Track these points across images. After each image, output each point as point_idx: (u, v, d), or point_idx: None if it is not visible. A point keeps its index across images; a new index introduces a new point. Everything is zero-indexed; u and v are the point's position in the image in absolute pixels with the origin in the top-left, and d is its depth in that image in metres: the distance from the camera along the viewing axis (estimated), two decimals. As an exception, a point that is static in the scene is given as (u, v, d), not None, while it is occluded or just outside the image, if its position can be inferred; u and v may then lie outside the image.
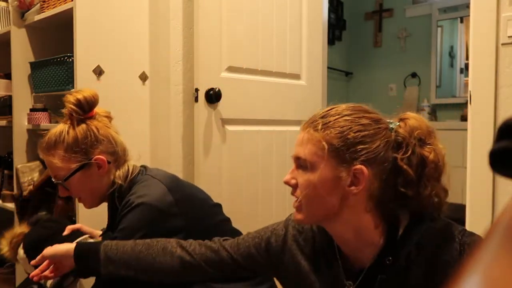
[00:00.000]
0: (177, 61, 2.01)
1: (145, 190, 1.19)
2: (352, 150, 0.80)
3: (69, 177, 1.19)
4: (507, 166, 0.31)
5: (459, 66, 4.10)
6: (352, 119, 0.82)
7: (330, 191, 0.82)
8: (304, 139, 0.84)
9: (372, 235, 0.84)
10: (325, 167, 0.81)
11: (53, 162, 1.19)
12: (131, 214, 1.14)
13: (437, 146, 0.84)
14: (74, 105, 1.20)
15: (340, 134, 0.81)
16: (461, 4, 3.93)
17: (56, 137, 1.19)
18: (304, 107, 2.40)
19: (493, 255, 0.22)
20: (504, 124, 0.32)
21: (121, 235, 1.14)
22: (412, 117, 0.85)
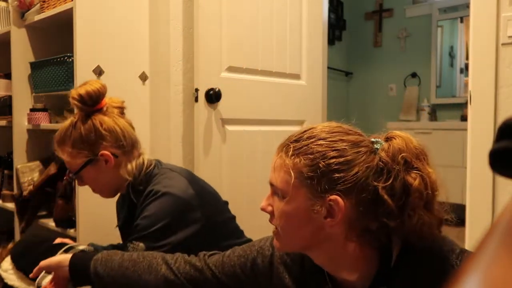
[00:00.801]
0: (177, 61, 2.01)
1: (168, 181, 1.22)
2: (325, 180, 0.72)
3: (78, 171, 1.22)
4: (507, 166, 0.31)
5: (459, 66, 4.10)
6: (327, 143, 0.74)
7: (304, 223, 0.75)
8: (276, 164, 0.78)
9: (358, 263, 0.78)
10: (297, 198, 0.75)
11: (63, 157, 1.24)
12: (156, 202, 1.17)
13: (425, 170, 0.74)
14: (76, 100, 1.20)
15: (310, 162, 0.73)
16: (461, 4, 3.94)
17: (64, 133, 1.22)
18: (304, 107, 2.40)
19: (493, 255, 0.22)
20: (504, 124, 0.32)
21: (145, 222, 1.16)
22: (399, 136, 0.77)
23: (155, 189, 1.18)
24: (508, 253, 0.21)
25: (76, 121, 1.22)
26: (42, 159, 2.20)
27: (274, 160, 0.80)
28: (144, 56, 2.03)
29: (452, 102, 4.01)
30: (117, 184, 1.27)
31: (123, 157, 1.25)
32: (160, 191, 1.17)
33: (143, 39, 2.03)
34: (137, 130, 2.03)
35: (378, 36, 4.40)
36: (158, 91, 2.04)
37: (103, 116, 1.23)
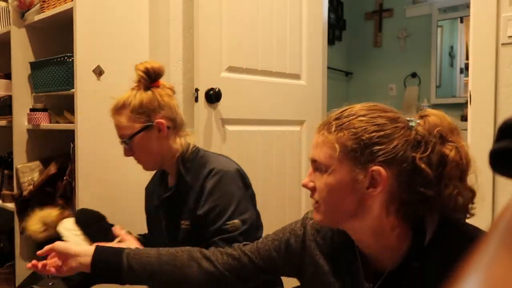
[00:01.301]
0: (177, 61, 2.01)
1: (223, 160, 1.34)
2: (368, 152, 0.77)
3: (133, 136, 1.28)
4: (507, 166, 0.31)
5: (459, 66, 4.10)
6: (367, 119, 0.79)
7: (347, 194, 0.80)
8: (318, 141, 0.82)
9: (393, 239, 0.81)
10: (341, 170, 0.79)
11: (121, 121, 1.30)
12: (223, 179, 1.26)
13: (459, 143, 0.80)
14: (142, 72, 1.32)
15: (354, 136, 0.78)
16: (461, 4, 3.93)
17: (125, 100, 1.30)
18: (304, 107, 2.40)
19: (493, 255, 0.22)
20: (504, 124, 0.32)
21: (223, 201, 1.23)
22: (433, 113, 0.81)
23: (216, 167, 1.27)
24: (508, 253, 0.21)
25: (137, 91, 1.31)
26: (42, 159, 2.20)
27: (316, 138, 0.83)
28: (144, 56, 2.03)
29: (452, 102, 4.01)
30: (163, 156, 1.33)
31: (173, 131, 1.33)
32: (222, 170, 1.27)
33: (143, 39, 2.03)
34: (137, 130, 2.04)
35: (378, 36, 4.40)
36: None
37: (162, 90, 1.33)
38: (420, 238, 0.80)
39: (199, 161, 1.32)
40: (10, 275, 2.31)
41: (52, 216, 1.33)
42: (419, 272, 0.79)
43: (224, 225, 1.22)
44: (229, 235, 1.21)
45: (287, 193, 2.33)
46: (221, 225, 1.22)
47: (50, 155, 2.20)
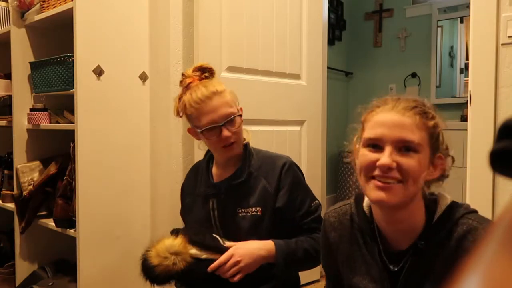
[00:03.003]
0: (177, 61, 2.01)
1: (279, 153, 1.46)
2: (438, 142, 0.91)
3: (238, 115, 1.37)
4: (507, 166, 0.31)
5: (459, 66, 4.10)
6: (436, 113, 0.92)
7: (423, 174, 0.89)
8: (408, 122, 0.88)
9: (418, 218, 0.92)
10: (426, 152, 0.88)
11: (228, 98, 1.37)
12: (297, 171, 1.40)
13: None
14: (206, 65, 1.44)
15: (435, 126, 0.90)
16: (461, 4, 3.93)
17: (218, 84, 1.38)
18: (304, 107, 2.40)
19: (493, 255, 0.22)
20: (504, 124, 0.32)
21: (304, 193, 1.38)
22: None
23: (285, 160, 1.39)
24: (508, 253, 0.21)
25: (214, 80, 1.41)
26: (42, 159, 2.20)
27: (400, 118, 0.89)
28: (144, 56, 2.03)
29: (452, 102, 4.01)
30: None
31: None
32: (289, 161, 1.39)
33: (143, 39, 2.03)
34: (137, 130, 2.04)
35: (378, 36, 4.40)
36: (158, 91, 2.04)
37: None
38: (431, 220, 0.91)
39: (260, 155, 1.42)
40: (10, 275, 2.31)
41: (177, 245, 1.24)
42: (424, 250, 0.89)
43: (309, 208, 1.37)
44: (317, 214, 1.38)
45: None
46: (308, 208, 1.37)
47: (50, 155, 2.20)
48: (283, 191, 1.35)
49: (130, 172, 2.00)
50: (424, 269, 0.90)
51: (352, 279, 1.00)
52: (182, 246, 1.23)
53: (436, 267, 0.88)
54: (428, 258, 0.89)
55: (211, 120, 1.33)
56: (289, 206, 1.35)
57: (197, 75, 1.41)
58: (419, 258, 0.90)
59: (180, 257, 1.22)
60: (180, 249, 1.23)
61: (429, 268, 0.89)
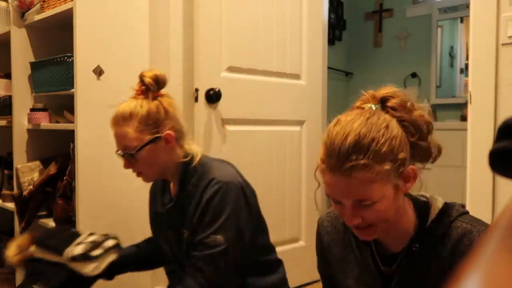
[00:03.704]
0: (177, 61, 2.01)
1: (224, 170, 1.29)
2: (399, 162, 0.82)
3: (141, 148, 1.23)
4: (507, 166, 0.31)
5: (459, 66, 4.10)
6: (378, 136, 0.81)
7: (395, 201, 0.85)
8: (356, 185, 0.81)
9: (407, 223, 0.90)
10: (387, 190, 0.82)
11: (128, 132, 1.23)
12: (220, 192, 1.22)
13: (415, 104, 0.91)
14: (152, 79, 1.26)
15: (384, 160, 0.80)
16: (461, 4, 3.93)
17: (131, 109, 1.24)
18: (304, 107, 2.40)
19: (493, 254, 0.22)
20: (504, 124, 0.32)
21: (215, 215, 1.21)
22: (389, 94, 0.91)
23: (216, 178, 1.23)
24: (508, 253, 0.21)
25: (143, 100, 1.26)
26: (42, 159, 2.19)
27: (350, 183, 0.81)
28: (144, 56, 2.03)
29: (452, 102, 4.00)
30: (166, 167, 1.30)
31: (179, 141, 1.29)
32: (221, 181, 1.22)
33: (143, 39, 2.02)
34: (137, 130, 2.04)
35: (378, 36, 4.40)
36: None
37: (166, 99, 1.28)
38: (424, 222, 0.90)
39: (201, 170, 1.28)
40: (10, 275, 2.31)
41: (24, 240, 1.35)
42: (418, 253, 0.89)
43: (206, 239, 1.19)
44: (210, 251, 1.18)
45: (287, 193, 2.33)
46: (203, 238, 1.20)
47: (50, 155, 2.20)
48: (199, 210, 1.23)
49: (130, 172, 2.00)
50: (418, 273, 0.89)
51: (346, 282, 1.00)
52: (26, 242, 1.32)
53: (431, 271, 0.88)
54: (422, 261, 0.89)
55: (116, 145, 1.28)
56: (197, 226, 1.23)
57: (139, 86, 1.29)
58: (412, 261, 0.90)
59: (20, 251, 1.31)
60: (23, 244, 1.32)
61: (424, 272, 0.89)
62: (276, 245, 2.29)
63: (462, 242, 0.86)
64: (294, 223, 2.38)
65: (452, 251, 0.86)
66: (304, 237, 2.40)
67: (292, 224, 2.36)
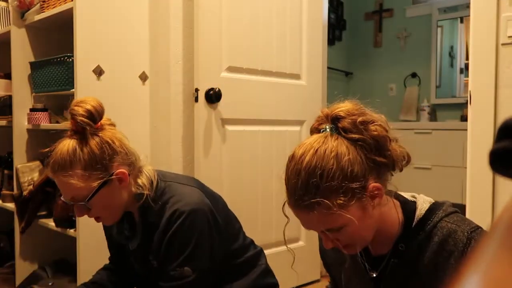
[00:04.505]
0: (177, 61, 2.01)
1: (186, 197, 1.17)
2: (357, 186, 0.82)
3: (92, 196, 1.09)
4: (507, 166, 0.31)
5: (459, 66, 4.10)
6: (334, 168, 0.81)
7: (366, 219, 0.85)
8: (307, 218, 0.86)
9: (392, 225, 0.91)
10: (353, 214, 0.83)
11: (72, 183, 1.08)
12: (186, 222, 1.14)
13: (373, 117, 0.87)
14: (85, 117, 1.08)
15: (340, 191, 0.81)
16: (461, 4, 3.93)
17: (70, 156, 1.08)
18: (304, 107, 2.40)
19: (494, 254, 0.22)
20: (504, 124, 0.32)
21: (181, 246, 1.14)
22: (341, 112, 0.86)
23: (179, 208, 1.14)
24: (508, 253, 0.21)
25: (80, 141, 1.10)
26: (42, 159, 2.19)
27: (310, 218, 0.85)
28: (144, 56, 2.03)
29: (452, 102, 4.00)
30: (126, 205, 1.18)
31: (132, 174, 1.17)
32: (185, 211, 1.14)
33: (143, 39, 2.03)
34: (137, 130, 2.04)
35: (378, 36, 4.40)
36: (158, 91, 2.04)
37: (106, 132, 1.13)
38: (410, 222, 0.91)
39: (163, 199, 1.18)
40: (10, 275, 2.31)
41: None
42: (405, 252, 0.90)
43: (173, 271, 1.15)
44: (178, 283, 1.14)
45: (287, 193, 2.33)
46: (170, 271, 1.15)
47: (50, 155, 2.20)
48: (164, 242, 1.16)
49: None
50: (406, 274, 0.90)
51: (343, 283, 1.03)
52: None
53: (418, 271, 0.89)
54: (409, 262, 0.90)
55: (62, 194, 1.14)
56: (164, 260, 1.17)
57: (71, 124, 1.11)
58: (399, 262, 0.91)
59: None
60: None
61: (410, 272, 0.90)
62: (276, 245, 2.30)
63: (447, 242, 0.86)
64: (294, 223, 2.37)
65: (437, 251, 0.87)
66: (304, 237, 2.40)
67: (292, 224, 2.36)
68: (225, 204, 1.34)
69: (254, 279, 1.31)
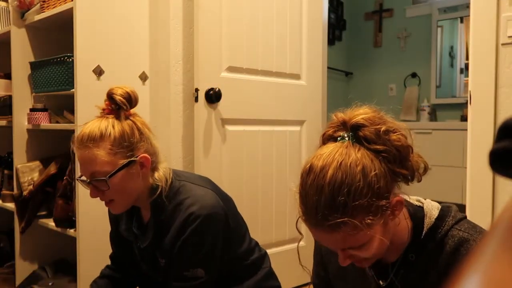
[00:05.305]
0: (177, 61, 2.01)
1: (202, 199, 1.17)
2: (381, 201, 0.77)
3: (114, 173, 1.09)
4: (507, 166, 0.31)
5: (459, 66, 4.10)
6: (357, 182, 0.75)
7: (387, 234, 0.81)
8: (340, 238, 0.78)
9: (402, 234, 0.88)
10: (376, 231, 0.78)
11: (98, 155, 1.08)
12: (202, 226, 1.14)
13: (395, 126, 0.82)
14: (123, 97, 1.13)
15: (368, 208, 0.75)
16: (461, 4, 3.93)
17: (101, 130, 1.09)
18: (304, 107, 2.40)
19: (494, 255, 0.22)
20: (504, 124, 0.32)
21: (195, 247, 1.15)
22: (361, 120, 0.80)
23: (195, 212, 1.14)
24: (508, 254, 0.21)
25: (114, 120, 1.12)
26: (42, 159, 2.20)
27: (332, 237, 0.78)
28: (144, 56, 2.03)
29: (452, 102, 4.00)
30: (137, 195, 1.18)
31: (153, 164, 1.18)
32: (201, 215, 1.14)
33: (143, 39, 2.03)
34: (137, 130, 2.04)
35: (378, 36, 4.40)
36: (158, 91, 2.04)
37: (138, 119, 1.17)
38: (420, 232, 0.87)
39: (176, 198, 1.18)
40: (10, 275, 2.31)
41: None
42: (415, 262, 0.87)
43: (186, 272, 1.15)
44: (190, 283, 1.15)
45: (287, 193, 2.33)
46: (183, 271, 1.15)
47: (50, 155, 2.20)
48: (178, 244, 1.16)
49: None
50: (416, 284, 0.87)
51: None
52: None
53: (429, 281, 0.86)
54: (419, 271, 0.87)
55: (80, 170, 1.14)
56: (176, 260, 1.17)
57: (107, 104, 1.15)
58: (409, 271, 0.88)
59: None
60: None
61: (421, 282, 0.87)
62: (276, 245, 2.30)
63: (459, 252, 0.83)
64: (294, 223, 2.37)
65: (448, 260, 0.84)
66: (304, 237, 2.39)
67: (292, 224, 2.36)
68: (235, 206, 1.34)
69: (258, 281, 1.31)
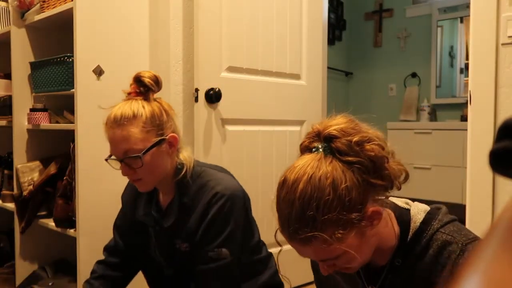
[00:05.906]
0: (177, 61, 2.01)
1: (225, 181, 1.23)
2: (353, 213, 0.76)
3: (147, 150, 1.14)
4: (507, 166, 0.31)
5: (459, 66, 4.10)
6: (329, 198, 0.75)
7: (365, 244, 0.80)
8: (311, 251, 0.79)
9: (389, 238, 0.87)
10: (349, 242, 0.78)
11: (133, 133, 1.14)
12: (227, 205, 1.19)
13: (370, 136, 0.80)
14: (152, 80, 1.19)
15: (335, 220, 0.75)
16: (461, 4, 3.93)
17: (133, 110, 1.15)
18: (304, 107, 2.40)
19: (493, 255, 0.22)
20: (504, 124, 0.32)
21: (219, 228, 1.19)
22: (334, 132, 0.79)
23: (220, 192, 1.19)
24: (508, 253, 0.21)
25: (143, 102, 1.18)
26: (42, 159, 2.20)
27: (305, 250, 0.79)
28: (144, 56, 2.03)
29: (452, 102, 4.00)
30: (164, 174, 1.22)
31: (179, 145, 1.24)
32: (226, 194, 1.19)
33: (143, 39, 2.03)
34: (137, 130, 2.04)
35: (378, 36, 4.40)
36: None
37: (163, 101, 1.23)
38: (406, 236, 0.87)
39: (200, 182, 1.23)
40: (10, 275, 2.31)
41: None
42: (402, 266, 0.86)
43: (210, 252, 1.18)
44: (216, 264, 1.18)
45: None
46: (208, 251, 1.19)
47: (50, 155, 2.20)
48: (204, 224, 1.20)
49: (130, 172, 2.00)
50: (403, 287, 0.88)
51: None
52: None
53: (415, 286, 0.86)
54: (405, 276, 0.87)
55: (112, 150, 1.19)
56: (201, 240, 1.21)
57: (134, 87, 1.21)
58: (395, 276, 0.88)
59: None
60: None
61: (408, 286, 0.87)
62: (277, 245, 2.30)
63: (442, 255, 0.83)
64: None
65: (431, 264, 0.84)
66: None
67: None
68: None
69: (271, 276, 1.34)
